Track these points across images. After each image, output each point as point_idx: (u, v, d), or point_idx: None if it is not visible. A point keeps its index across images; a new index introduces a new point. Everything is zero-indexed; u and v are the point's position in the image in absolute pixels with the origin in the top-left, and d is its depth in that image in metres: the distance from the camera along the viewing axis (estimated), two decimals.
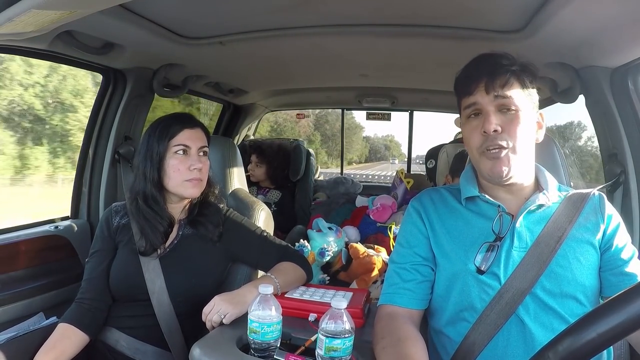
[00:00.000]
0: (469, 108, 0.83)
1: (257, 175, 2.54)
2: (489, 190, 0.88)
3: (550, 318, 0.78)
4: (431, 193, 0.95)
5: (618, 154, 1.32)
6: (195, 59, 1.61)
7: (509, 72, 0.81)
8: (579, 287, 0.79)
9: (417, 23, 1.28)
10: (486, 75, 0.81)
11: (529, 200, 0.85)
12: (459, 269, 0.83)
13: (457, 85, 0.87)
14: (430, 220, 0.90)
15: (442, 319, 0.87)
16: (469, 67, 0.86)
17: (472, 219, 0.87)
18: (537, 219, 0.84)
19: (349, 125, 27.84)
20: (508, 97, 0.80)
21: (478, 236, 0.84)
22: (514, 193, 0.86)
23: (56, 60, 1.39)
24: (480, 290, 0.81)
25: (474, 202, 0.88)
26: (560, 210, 0.84)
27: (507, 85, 0.80)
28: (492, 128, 0.79)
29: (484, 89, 0.80)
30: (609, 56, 1.24)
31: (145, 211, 1.10)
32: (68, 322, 1.04)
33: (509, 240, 0.82)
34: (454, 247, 0.85)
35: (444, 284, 0.86)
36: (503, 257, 0.81)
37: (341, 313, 0.75)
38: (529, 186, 0.87)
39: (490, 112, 0.80)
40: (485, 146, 0.81)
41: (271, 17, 1.27)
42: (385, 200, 2.23)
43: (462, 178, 0.93)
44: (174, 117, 1.14)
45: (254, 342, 0.78)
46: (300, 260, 1.16)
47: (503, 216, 0.83)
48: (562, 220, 0.82)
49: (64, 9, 0.79)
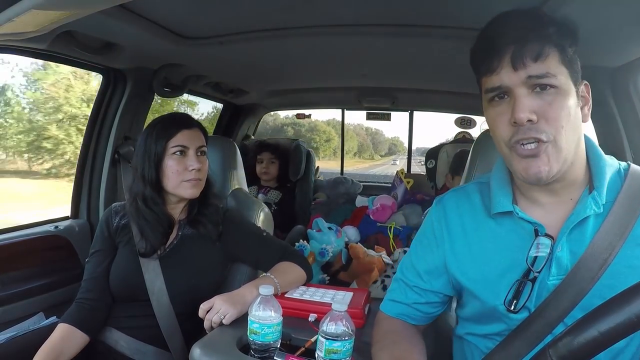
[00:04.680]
0: (492, 91, 0.65)
1: (272, 173, 2.53)
2: (527, 192, 0.71)
3: None
4: (458, 197, 0.79)
5: (618, 154, 1.32)
6: (195, 59, 1.61)
7: (543, 38, 0.62)
8: None
9: (417, 23, 1.28)
10: (513, 43, 0.62)
11: (575, 212, 0.66)
12: (483, 302, 0.71)
13: (474, 59, 0.69)
14: (452, 237, 0.76)
15: (466, 329, 0.79)
16: (488, 33, 0.66)
17: (503, 238, 0.71)
18: (582, 236, 0.65)
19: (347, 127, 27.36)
20: (544, 74, 0.61)
21: (509, 264, 0.69)
22: (558, 195, 0.68)
23: (56, 60, 1.39)
24: (508, 319, 0.69)
25: (507, 215, 0.71)
26: (612, 218, 0.64)
27: (542, 57, 0.61)
28: (526, 117, 0.61)
29: (510, 64, 0.62)
30: (609, 56, 1.23)
31: (145, 213, 1.09)
32: (68, 323, 1.04)
33: (546, 269, 0.66)
34: (479, 276, 0.72)
35: (467, 309, 0.76)
36: (536, 289, 0.67)
37: (342, 315, 0.74)
38: (578, 182, 0.68)
39: (521, 95, 0.62)
40: (517, 139, 0.63)
41: (271, 17, 1.27)
42: (385, 200, 2.23)
43: (493, 176, 0.75)
44: (171, 118, 1.14)
45: (254, 343, 0.78)
46: (300, 260, 1.16)
47: (540, 239, 0.66)
48: (612, 235, 0.63)
49: (64, 9, 0.79)
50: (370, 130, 31.10)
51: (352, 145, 29.48)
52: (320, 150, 20.90)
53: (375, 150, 32.41)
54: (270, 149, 2.54)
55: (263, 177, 2.53)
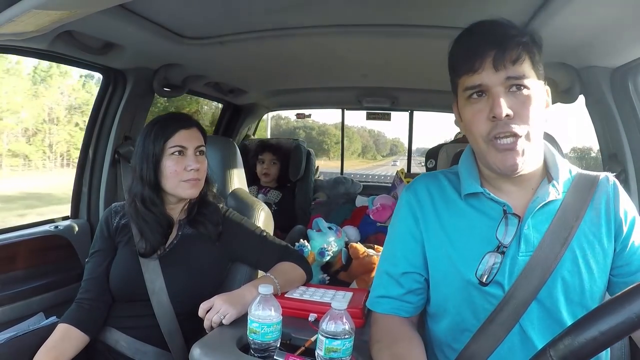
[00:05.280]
0: (472, 89, 0.70)
1: (273, 174, 2.53)
2: (493, 181, 0.77)
3: (557, 329, 0.69)
4: (428, 181, 0.83)
5: (618, 154, 1.32)
6: (195, 59, 1.61)
7: (520, 45, 0.68)
8: (587, 292, 0.72)
9: (417, 23, 1.28)
10: (494, 46, 0.68)
11: (538, 197, 0.74)
12: (458, 278, 0.75)
13: (453, 59, 0.74)
14: (425, 218, 0.79)
15: (442, 325, 0.81)
16: (468, 38, 0.72)
17: (474, 218, 0.76)
18: (545, 217, 0.74)
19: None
20: (520, 75, 0.68)
21: (480, 241, 0.74)
22: (521, 184, 0.76)
23: (56, 60, 1.39)
24: (483, 300, 0.74)
25: (477, 197, 0.77)
26: (567, 204, 0.73)
27: (519, 61, 0.68)
28: (504, 112, 0.67)
29: (491, 65, 0.68)
30: (609, 56, 1.24)
31: (144, 213, 1.09)
32: (68, 323, 1.04)
33: (515, 245, 0.73)
34: (453, 254, 0.76)
35: (442, 293, 0.79)
36: (508, 265, 0.72)
37: (341, 314, 0.74)
38: (537, 174, 0.76)
39: (500, 93, 0.68)
40: (494, 134, 0.69)
41: (271, 17, 1.27)
42: (385, 200, 2.23)
43: (461, 166, 0.81)
44: (169, 118, 1.13)
45: (253, 342, 0.78)
46: (300, 260, 1.16)
47: (509, 217, 0.73)
48: (569, 216, 0.72)
49: (64, 9, 0.79)
50: (373, 132, 31.88)
51: (357, 147, 30.20)
52: (330, 151, 22.85)
53: (377, 151, 33.02)
54: (272, 149, 2.54)
55: (263, 178, 2.53)
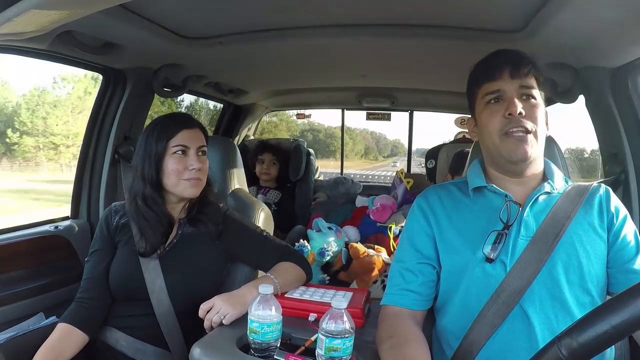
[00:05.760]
0: (492, 94, 0.84)
1: (272, 174, 2.53)
2: (497, 181, 0.88)
3: (556, 310, 0.78)
4: (438, 189, 0.95)
5: (618, 154, 1.32)
6: (195, 59, 1.61)
7: (530, 64, 0.84)
8: (586, 275, 0.79)
9: (417, 23, 1.28)
10: (510, 63, 0.83)
11: (536, 190, 0.86)
12: (467, 259, 0.83)
13: (475, 74, 0.89)
14: (437, 218, 0.89)
15: (448, 316, 0.87)
16: (487, 59, 0.88)
17: (480, 211, 0.87)
18: (542, 208, 0.85)
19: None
20: (531, 86, 0.83)
21: (486, 226, 0.84)
22: (523, 184, 0.87)
23: (56, 60, 1.39)
24: (486, 281, 0.81)
25: (482, 193, 0.89)
26: (564, 199, 0.85)
27: (529, 75, 0.84)
28: (519, 110, 0.80)
29: (508, 74, 0.83)
30: (609, 56, 1.24)
31: (145, 212, 1.09)
32: (67, 322, 1.04)
33: (516, 228, 0.82)
34: (462, 241, 0.85)
35: (450, 279, 0.86)
36: (510, 245, 0.81)
37: (341, 313, 0.75)
38: (537, 177, 0.88)
39: (515, 96, 0.82)
40: (509, 128, 0.81)
41: (271, 17, 1.27)
42: (385, 200, 2.23)
43: (469, 171, 0.93)
44: (171, 118, 1.14)
45: (254, 342, 0.78)
46: (300, 260, 1.16)
47: (510, 205, 0.83)
48: (565, 208, 0.83)
49: (64, 9, 0.79)
50: (375, 134, 32.37)
51: (360, 148, 30.70)
52: (337, 153, 23.30)
53: (379, 152, 33.50)
54: (272, 150, 2.54)
55: (263, 178, 2.53)
